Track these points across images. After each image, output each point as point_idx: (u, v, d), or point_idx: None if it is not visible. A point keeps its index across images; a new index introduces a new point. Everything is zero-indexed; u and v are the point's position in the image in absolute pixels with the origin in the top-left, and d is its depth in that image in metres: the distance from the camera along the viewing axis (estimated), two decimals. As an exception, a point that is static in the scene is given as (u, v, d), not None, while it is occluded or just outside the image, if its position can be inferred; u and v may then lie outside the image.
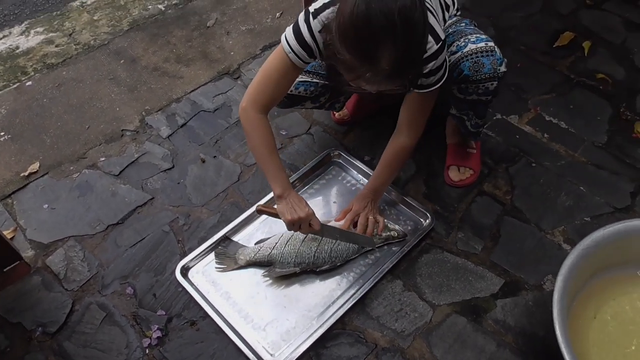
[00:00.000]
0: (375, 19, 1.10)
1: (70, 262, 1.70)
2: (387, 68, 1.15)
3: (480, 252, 1.71)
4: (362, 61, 1.16)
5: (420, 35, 1.18)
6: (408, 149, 1.60)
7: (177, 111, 2.15)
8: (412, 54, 1.18)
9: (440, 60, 1.37)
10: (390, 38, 1.12)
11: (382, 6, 1.09)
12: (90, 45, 2.45)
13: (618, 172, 1.92)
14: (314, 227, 1.53)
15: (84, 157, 2.00)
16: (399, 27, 1.10)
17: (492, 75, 1.51)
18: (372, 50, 1.14)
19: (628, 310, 1.47)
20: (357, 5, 1.11)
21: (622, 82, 2.24)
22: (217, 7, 2.64)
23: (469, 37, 1.53)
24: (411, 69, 1.26)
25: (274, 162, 1.49)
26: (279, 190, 1.49)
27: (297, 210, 1.48)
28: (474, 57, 1.50)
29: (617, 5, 2.59)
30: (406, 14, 1.10)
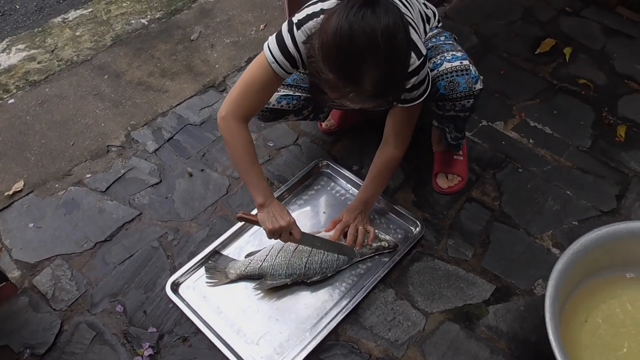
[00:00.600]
0: (358, 39, 1.09)
1: (57, 281, 1.67)
2: (370, 89, 1.15)
3: (471, 258, 1.72)
4: (345, 81, 1.16)
5: (404, 56, 1.19)
6: (396, 159, 1.61)
7: (163, 125, 2.14)
8: (395, 74, 1.18)
9: (422, 75, 1.38)
10: (373, 59, 1.11)
11: (365, 26, 1.09)
12: (73, 61, 2.44)
13: (603, 175, 1.95)
14: (294, 236, 1.53)
15: (69, 174, 1.97)
16: (382, 49, 1.10)
17: (468, 93, 1.52)
18: (355, 71, 1.13)
19: (618, 312, 1.49)
20: (340, 25, 1.10)
21: (603, 87, 2.28)
22: (201, 20, 2.64)
23: (445, 54, 1.54)
24: (395, 89, 1.26)
25: (255, 171, 1.48)
26: (260, 199, 1.48)
27: (278, 219, 1.47)
28: (449, 76, 1.51)
29: (595, 12, 2.64)
30: (389, 35, 1.10)
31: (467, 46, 2.45)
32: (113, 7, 2.74)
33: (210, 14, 2.68)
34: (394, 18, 1.11)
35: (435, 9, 1.71)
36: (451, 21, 2.57)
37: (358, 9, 1.10)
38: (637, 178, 1.93)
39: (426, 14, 1.63)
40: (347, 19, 1.09)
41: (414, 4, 1.56)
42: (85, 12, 2.71)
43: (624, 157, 2.01)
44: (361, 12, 1.09)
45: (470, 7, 2.67)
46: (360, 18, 1.09)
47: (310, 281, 1.62)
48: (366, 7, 1.10)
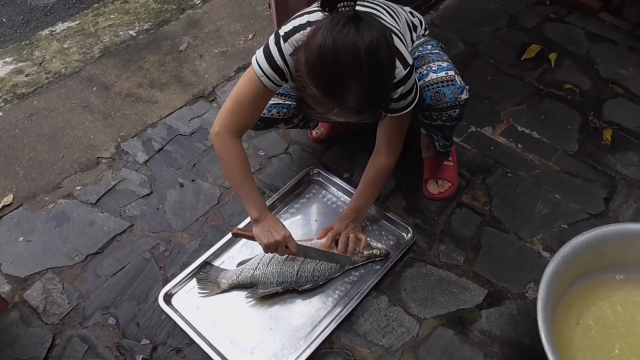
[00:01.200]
0: (341, 57, 1.10)
1: (49, 295, 1.66)
2: (354, 105, 1.16)
3: (463, 263, 1.73)
4: (329, 97, 1.17)
5: (387, 73, 1.19)
6: (389, 168, 1.62)
7: (153, 136, 2.14)
8: (379, 91, 1.19)
9: (409, 85, 1.39)
10: (356, 77, 1.12)
11: (349, 44, 1.10)
12: (61, 73, 2.43)
13: (591, 179, 1.97)
14: (291, 250, 1.53)
15: (59, 186, 1.96)
16: (365, 66, 1.11)
17: (454, 103, 1.54)
18: (338, 88, 1.14)
19: (609, 314, 1.50)
20: (324, 42, 1.11)
21: (589, 91, 2.31)
22: (189, 31, 2.65)
23: (431, 64, 1.55)
24: (379, 105, 1.26)
25: (250, 186, 1.49)
26: (255, 214, 1.48)
27: (274, 233, 1.48)
28: (435, 87, 1.52)
29: (579, 18, 2.68)
30: (372, 52, 1.11)
31: (454, 53, 2.47)
32: (101, 19, 2.73)
33: (199, 24, 2.69)
34: (377, 35, 1.12)
35: (421, 17, 1.73)
36: (438, 28, 2.60)
37: (342, 26, 1.11)
38: (624, 181, 1.96)
39: (413, 22, 1.64)
40: (331, 36, 1.11)
41: (400, 13, 1.57)
42: (73, 24, 2.71)
43: (611, 160, 2.03)
44: (345, 29, 1.10)
45: (456, 14, 2.70)
46: (344, 35, 1.10)
47: (301, 289, 1.62)
48: (350, 24, 1.11)
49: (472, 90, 2.22)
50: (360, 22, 1.12)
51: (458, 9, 2.74)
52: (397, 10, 1.55)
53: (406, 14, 1.63)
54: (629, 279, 1.54)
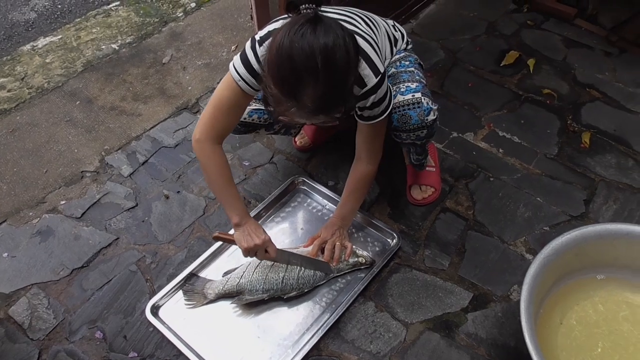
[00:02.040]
0: (297, 57, 1.13)
1: (34, 310, 1.65)
2: (310, 105, 1.18)
3: (448, 267, 1.75)
4: (286, 97, 1.19)
5: (343, 74, 1.20)
6: (370, 174, 1.64)
7: (137, 149, 2.14)
8: (335, 92, 1.20)
9: (381, 93, 1.41)
10: (311, 77, 1.14)
11: (304, 45, 1.12)
12: (43, 88, 2.42)
13: (571, 181, 2.01)
14: (270, 254, 1.55)
15: (43, 201, 1.95)
16: (320, 67, 1.13)
17: (420, 125, 1.56)
18: (294, 88, 1.17)
19: (591, 313, 1.53)
20: (282, 42, 1.14)
21: (567, 96, 2.35)
22: (172, 43, 2.66)
23: (400, 86, 1.57)
24: (337, 106, 1.26)
25: (231, 191, 1.51)
26: (236, 218, 1.50)
27: (254, 237, 1.50)
28: (401, 109, 1.55)
29: (555, 25, 2.74)
30: (328, 54, 1.13)
31: (434, 61, 2.51)
32: (83, 33, 2.73)
33: (181, 37, 2.70)
34: (334, 37, 1.14)
35: (404, 31, 1.75)
36: (418, 37, 2.64)
37: (300, 27, 1.14)
38: (603, 183, 2.00)
39: (394, 35, 1.67)
40: (288, 37, 1.14)
41: (380, 24, 1.60)
42: (55, 39, 2.70)
43: (590, 162, 2.07)
44: (301, 30, 1.13)
45: (435, 23, 2.74)
46: (300, 36, 1.13)
47: (286, 297, 1.63)
48: (308, 25, 1.14)
49: (453, 97, 2.27)
50: (319, 24, 1.15)
51: (438, 17, 2.78)
52: (376, 21, 1.58)
53: (388, 26, 1.66)
54: (609, 278, 1.57)
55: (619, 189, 1.98)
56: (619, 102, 2.33)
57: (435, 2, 2.86)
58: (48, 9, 3.01)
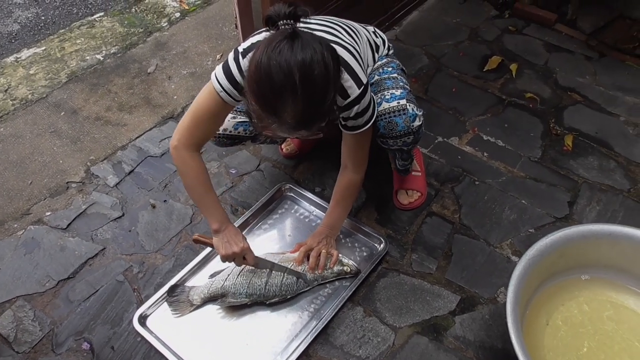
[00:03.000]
0: (275, 75, 1.13)
1: (20, 323, 1.63)
2: (290, 121, 1.19)
3: (435, 271, 1.76)
4: (266, 113, 1.20)
5: (322, 90, 1.19)
6: (357, 183, 1.65)
7: (123, 159, 2.13)
8: (314, 108, 1.20)
9: (364, 103, 1.42)
10: (290, 94, 1.15)
11: (282, 61, 1.13)
12: (27, 99, 2.41)
13: (555, 183, 2.03)
14: (248, 262, 1.57)
15: (28, 213, 1.94)
16: (298, 84, 1.13)
17: (407, 131, 1.58)
18: (274, 105, 1.17)
19: (577, 314, 1.55)
20: (260, 59, 1.15)
21: (549, 99, 2.39)
22: (157, 53, 2.66)
23: (384, 93, 1.59)
24: (318, 121, 1.25)
25: (210, 197, 1.52)
26: (215, 225, 1.51)
27: (232, 245, 1.51)
28: (387, 116, 1.56)
29: (536, 30, 2.78)
30: (305, 70, 1.13)
31: (418, 66, 2.54)
32: (67, 44, 2.73)
33: (166, 46, 2.70)
34: (312, 53, 1.14)
35: (385, 37, 1.77)
36: (402, 43, 2.66)
37: (277, 43, 1.14)
38: (586, 184, 2.03)
39: (375, 42, 1.68)
40: (266, 54, 1.14)
41: (362, 33, 1.61)
42: (39, 50, 2.69)
43: (573, 165, 2.10)
44: (279, 47, 1.14)
45: (419, 29, 2.77)
46: (277, 53, 1.13)
47: (269, 302, 1.63)
48: (286, 41, 1.14)
49: (438, 102, 2.29)
50: (297, 40, 1.15)
51: (421, 24, 2.81)
52: (357, 30, 1.59)
53: (369, 33, 1.67)
54: (594, 278, 1.59)
55: (602, 191, 2.00)
56: (599, 105, 2.36)
57: (418, 9, 2.89)
58: (31, 20, 3.00)
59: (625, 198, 1.98)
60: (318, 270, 1.67)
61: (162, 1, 3.04)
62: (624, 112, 2.33)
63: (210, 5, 3.00)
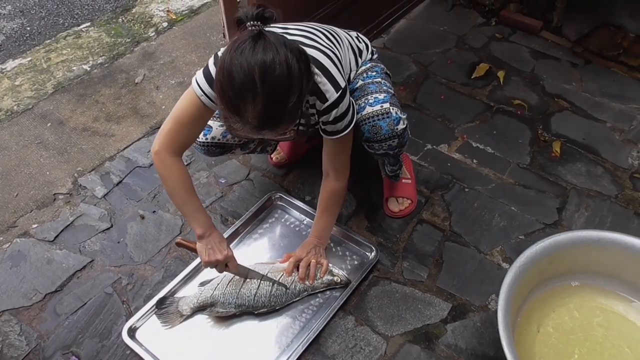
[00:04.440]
0: (237, 75, 1.14)
1: (6, 337, 1.60)
2: (253, 121, 1.18)
3: (426, 279, 1.76)
4: (230, 113, 1.20)
5: (283, 90, 1.18)
6: (340, 190, 1.64)
7: (111, 170, 2.11)
8: (276, 108, 1.19)
9: (343, 107, 1.42)
10: (250, 94, 1.15)
11: (242, 62, 1.13)
12: (13, 110, 2.38)
13: (544, 190, 2.04)
14: (230, 269, 1.56)
15: (14, 225, 1.91)
16: (258, 84, 1.14)
17: (391, 135, 1.58)
18: (235, 104, 1.17)
19: (567, 320, 1.55)
20: (224, 59, 1.16)
21: (536, 106, 2.41)
22: (144, 63, 2.65)
23: (368, 97, 1.59)
24: (281, 122, 1.24)
25: (193, 203, 1.50)
26: (199, 230, 1.50)
27: (216, 252, 1.50)
28: (371, 120, 1.57)
29: (522, 37, 2.81)
30: (265, 70, 1.14)
31: (406, 74, 2.55)
32: (53, 54, 2.71)
33: (154, 56, 2.69)
34: (273, 54, 1.14)
35: (368, 41, 1.77)
36: (390, 51, 2.67)
37: (240, 43, 1.15)
38: (575, 190, 2.04)
39: (358, 47, 1.69)
40: (229, 54, 1.15)
41: (343, 38, 1.61)
42: (24, 61, 2.67)
43: (561, 171, 2.11)
44: (241, 47, 1.14)
45: (406, 37, 2.78)
46: (239, 53, 1.14)
47: (257, 312, 1.62)
48: (249, 42, 1.15)
49: (426, 110, 2.30)
50: (260, 41, 1.15)
51: (408, 32, 2.83)
52: (339, 35, 1.59)
53: (351, 38, 1.68)
54: (584, 285, 1.59)
55: (590, 197, 2.02)
56: (586, 111, 2.39)
57: (405, 17, 2.91)
58: (17, 31, 2.98)
59: (613, 204, 1.99)
60: (309, 280, 1.66)
61: (150, 11, 3.03)
62: (610, 118, 2.35)
63: (197, 15, 3.00)
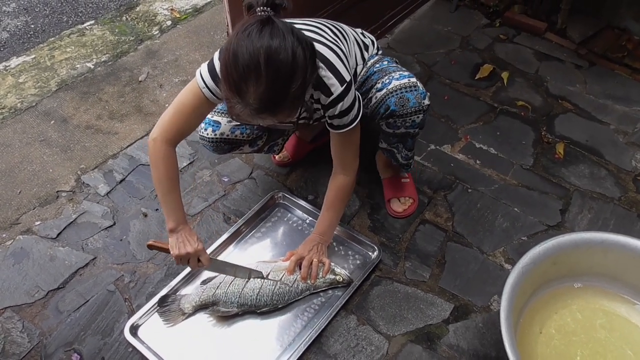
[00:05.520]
0: (241, 56, 1.16)
1: (8, 334, 1.60)
2: (253, 103, 1.20)
3: (429, 279, 1.76)
4: (232, 94, 1.21)
5: (286, 76, 1.20)
6: (347, 186, 1.64)
7: (114, 167, 2.11)
8: (277, 92, 1.21)
9: (348, 101, 1.43)
10: (253, 76, 1.17)
11: (249, 45, 1.16)
12: (17, 108, 2.39)
13: (547, 191, 2.04)
14: (203, 264, 1.55)
15: (17, 222, 1.92)
16: (262, 67, 1.16)
17: (418, 108, 1.59)
18: (238, 85, 1.19)
19: (570, 322, 1.54)
20: (231, 41, 1.19)
21: (540, 108, 2.40)
22: (148, 61, 2.65)
23: (392, 74, 1.61)
24: (281, 107, 1.25)
25: (174, 197, 1.51)
26: (172, 224, 1.50)
27: (186, 245, 1.50)
28: (399, 92, 1.58)
29: (527, 39, 2.80)
30: (270, 54, 1.15)
31: (410, 75, 2.54)
32: (57, 52, 2.71)
33: (157, 54, 2.69)
34: (280, 40, 1.16)
35: (373, 37, 1.78)
36: (394, 51, 2.67)
37: (248, 26, 1.17)
38: (578, 192, 2.03)
39: (364, 42, 1.70)
40: (237, 36, 1.18)
41: (349, 33, 1.63)
42: (28, 58, 2.67)
43: (564, 172, 2.11)
44: (248, 30, 1.17)
45: (410, 38, 2.78)
46: (246, 36, 1.16)
47: (260, 311, 1.62)
48: (257, 26, 1.17)
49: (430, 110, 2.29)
50: (267, 26, 1.17)
51: (412, 32, 2.83)
52: (344, 30, 1.61)
53: (357, 34, 1.69)
54: (586, 286, 1.59)
55: (593, 198, 2.01)
56: (590, 113, 2.38)
57: (409, 18, 2.90)
58: (21, 28, 2.98)
59: (616, 206, 1.99)
60: (310, 280, 1.66)
61: (153, 9, 3.03)
62: (614, 120, 2.35)
63: (201, 14, 3.00)
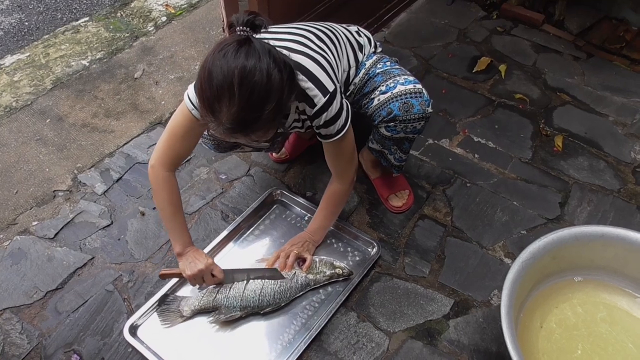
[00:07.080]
0: (216, 76, 1.16)
1: (7, 336, 1.60)
2: (226, 122, 1.19)
3: (428, 274, 1.75)
4: (206, 112, 1.21)
5: (260, 97, 1.18)
6: (341, 193, 1.65)
7: (111, 166, 2.10)
8: (250, 114, 1.19)
9: (333, 111, 1.41)
10: (227, 95, 1.16)
11: (224, 64, 1.15)
12: (12, 107, 2.37)
13: (546, 185, 2.03)
14: (217, 276, 1.57)
15: (14, 223, 1.90)
16: (236, 87, 1.15)
17: (421, 115, 1.58)
18: (212, 104, 1.19)
19: (570, 316, 1.54)
20: (208, 60, 1.18)
21: (538, 100, 2.39)
22: (143, 58, 2.63)
23: (397, 78, 1.59)
24: (254, 129, 1.24)
25: (178, 221, 1.55)
26: (179, 248, 1.54)
27: (197, 264, 1.53)
28: (404, 97, 1.56)
29: (524, 31, 2.79)
30: (244, 75, 1.15)
31: (407, 68, 2.48)
32: (51, 50, 2.69)
33: (153, 51, 2.67)
34: (255, 61, 1.15)
35: (370, 35, 1.76)
36: (390, 45, 2.66)
37: (225, 46, 1.17)
38: (577, 185, 2.03)
39: (358, 42, 1.67)
40: (213, 56, 1.17)
41: (340, 35, 1.60)
42: (23, 56, 2.65)
43: (563, 165, 2.10)
44: (225, 50, 1.16)
45: (407, 31, 2.77)
46: (222, 55, 1.16)
47: (263, 312, 1.61)
48: (233, 45, 1.16)
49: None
50: (245, 46, 1.16)
51: (409, 25, 2.81)
52: (336, 33, 1.59)
53: (351, 34, 1.67)
54: (587, 280, 1.59)
55: (592, 191, 2.01)
56: (588, 105, 2.37)
57: (406, 11, 2.89)
58: (15, 26, 2.96)
59: (616, 198, 1.99)
60: (285, 270, 1.65)
61: (148, 5, 3.01)
62: (613, 112, 2.34)
63: (196, 9, 2.98)
